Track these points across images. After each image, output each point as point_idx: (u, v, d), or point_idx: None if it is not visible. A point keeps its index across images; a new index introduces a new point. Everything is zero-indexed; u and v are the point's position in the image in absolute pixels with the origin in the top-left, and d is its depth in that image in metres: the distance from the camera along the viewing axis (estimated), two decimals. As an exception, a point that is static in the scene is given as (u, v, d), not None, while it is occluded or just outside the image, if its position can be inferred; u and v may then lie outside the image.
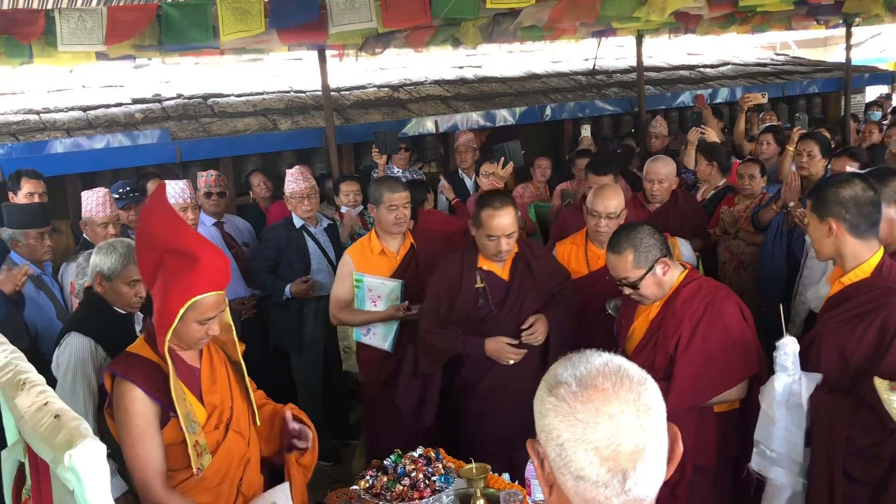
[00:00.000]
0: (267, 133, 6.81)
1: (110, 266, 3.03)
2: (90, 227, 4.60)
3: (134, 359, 2.47)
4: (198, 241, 2.46)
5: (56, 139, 6.02)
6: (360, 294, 4.05)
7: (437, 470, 2.78)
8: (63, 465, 1.54)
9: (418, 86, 8.16)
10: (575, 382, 1.19)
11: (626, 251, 2.96)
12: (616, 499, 1.16)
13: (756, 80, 9.90)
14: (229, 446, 2.58)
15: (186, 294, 2.35)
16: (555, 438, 1.18)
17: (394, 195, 4.00)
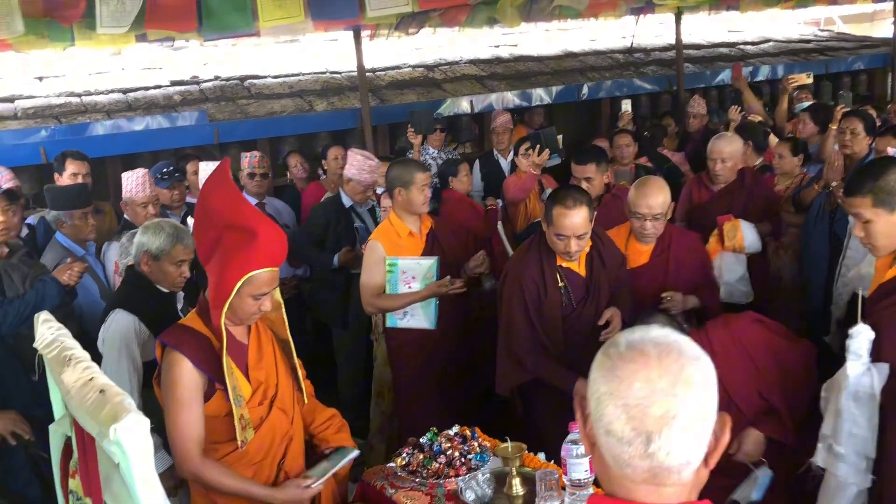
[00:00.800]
0: (303, 114, 6.84)
1: (158, 246, 3.09)
2: (131, 208, 4.67)
3: (185, 330, 2.52)
4: (257, 217, 2.50)
5: (97, 121, 6.12)
6: (393, 278, 4.03)
7: (472, 448, 2.80)
8: (108, 438, 1.58)
9: (453, 65, 8.12)
10: (625, 345, 1.23)
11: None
12: (640, 461, 1.18)
13: (798, 57, 9.68)
14: (272, 423, 2.62)
15: (243, 268, 2.40)
16: (594, 392, 1.22)
17: (424, 175, 4.05)
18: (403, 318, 4.08)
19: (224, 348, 2.44)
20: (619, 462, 1.20)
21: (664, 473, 1.18)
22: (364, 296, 4.11)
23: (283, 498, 2.52)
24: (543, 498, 2.48)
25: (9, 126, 5.94)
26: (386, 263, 4.01)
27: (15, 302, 3.67)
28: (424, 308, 4.04)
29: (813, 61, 9.50)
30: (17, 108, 6.18)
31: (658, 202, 3.61)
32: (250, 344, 2.64)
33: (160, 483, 1.71)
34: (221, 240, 2.41)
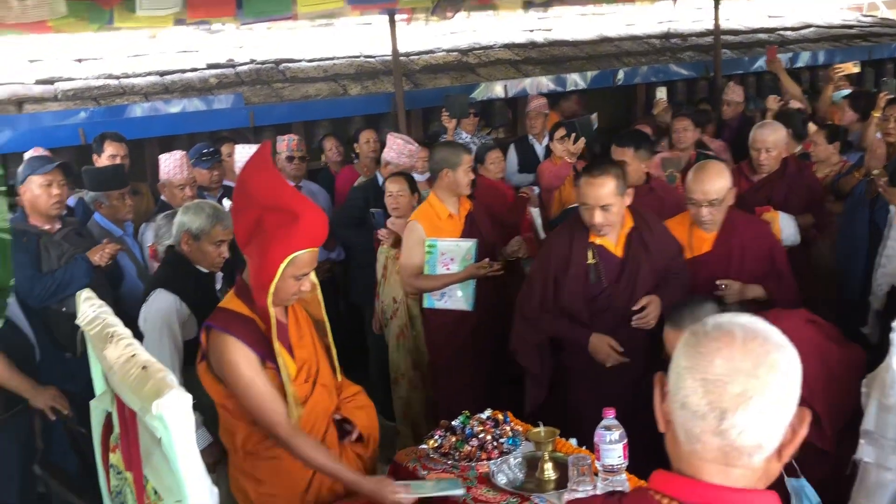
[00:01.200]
0: (337, 98, 6.87)
1: (198, 226, 3.13)
2: (168, 189, 4.74)
3: (230, 314, 2.54)
4: (298, 199, 2.53)
5: (135, 103, 6.20)
6: (431, 259, 4.07)
7: (504, 432, 2.81)
8: (150, 413, 1.62)
9: (487, 50, 8.08)
10: (712, 325, 1.23)
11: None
12: (711, 436, 1.18)
13: (840, 43, 9.48)
14: (316, 400, 2.66)
15: (287, 250, 2.42)
16: (675, 367, 1.23)
17: (470, 157, 4.13)
18: (441, 299, 4.11)
19: (273, 329, 2.47)
20: (690, 436, 1.20)
21: (734, 454, 1.18)
22: (403, 276, 4.17)
23: (370, 488, 2.51)
24: (576, 483, 2.48)
25: (49, 108, 6.04)
26: (425, 245, 4.04)
27: (45, 277, 3.74)
28: (463, 290, 4.07)
29: (855, 47, 9.30)
30: (56, 90, 6.27)
31: (714, 188, 3.44)
32: (289, 324, 2.68)
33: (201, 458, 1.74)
34: (262, 222, 2.42)
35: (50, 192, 3.84)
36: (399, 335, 4.51)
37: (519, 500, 2.56)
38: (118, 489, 2.25)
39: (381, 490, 2.50)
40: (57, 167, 3.89)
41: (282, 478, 2.62)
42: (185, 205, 3.27)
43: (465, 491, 2.59)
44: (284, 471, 2.62)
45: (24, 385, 3.44)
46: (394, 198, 4.51)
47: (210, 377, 2.57)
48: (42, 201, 3.84)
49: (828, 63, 9.02)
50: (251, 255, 2.50)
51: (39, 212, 3.87)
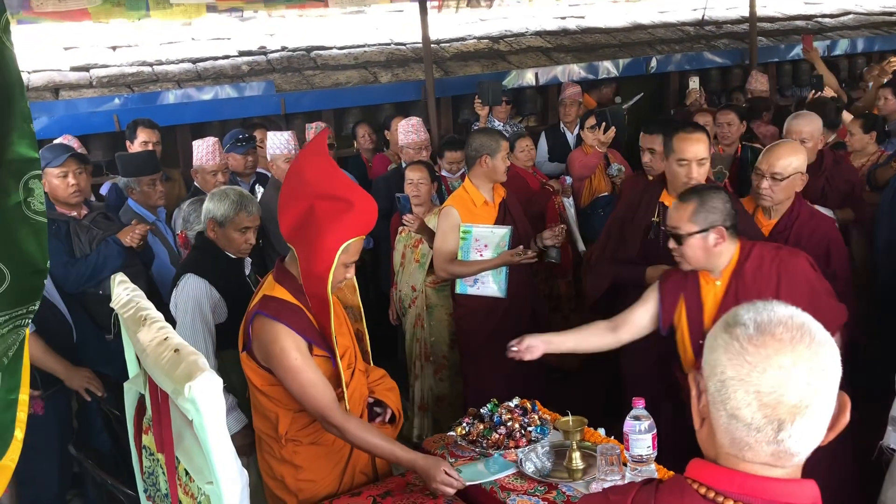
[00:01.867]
0: (368, 86, 6.87)
1: (223, 213, 3.15)
2: (201, 175, 4.78)
3: (279, 302, 2.54)
4: (352, 187, 2.56)
5: (168, 90, 6.26)
6: (465, 245, 4.09)
7: (532, 421, 2.80)
8: (183, 396, 1.63)
9: (519, 37, 8.02)
10: (753, 326, 1.18)
11: (691, 202, 2.82)
12: (767, 445, 1.16)
13: (881, 30, 9.27)
14: (355, 385, 2.71)
15: (343, 237, 2.44)
16: (718, 374, 1.19)
17: (507, 144, 4.14)
18: (474, 285, 4.13)
19: (332, 316, 2.50)
20: (739, 444, 1.18)
21: (786, 457, 1.17)
22: (437, 261, 4.16)
23: (423, 465, 2.52)
24: (604, 473, 2.47)
25: (84, 94, 6.12)
26: (460, 230, 4.05)
27: (79, 263, 3.80)
28: (495, 276, 4.08)
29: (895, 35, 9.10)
30: (91, 76, 6.35)
31: (779, 162, 3.40)
32: (336, 308, 2.68)
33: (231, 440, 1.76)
34: (315, 210, 2.43)
35: (66, 182, 3.87)
36: (416, 323, 4.53)
37: (547, 488, 2.56)
38: (150, 470, 2.29)
39: (433, 467, 2.50)
40: (70, 157, 3.90)
41: (321, 463, 2.66)
42: (211, 192, 3.31)
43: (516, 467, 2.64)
44: (324, 456, 2.66)
45: (59, 366, 3.49)
46: (414, 185, 4.52)
47: (253, 365, 2.58)
48: (60, 192, 3.89)
49: (867, 51, 8.85)
50: (299, 244, 2.49)
51: (59, 201, 3.92)
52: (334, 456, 2.67)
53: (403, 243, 4.55)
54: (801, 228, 3.47)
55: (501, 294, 4.08)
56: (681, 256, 2.88)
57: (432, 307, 4.50)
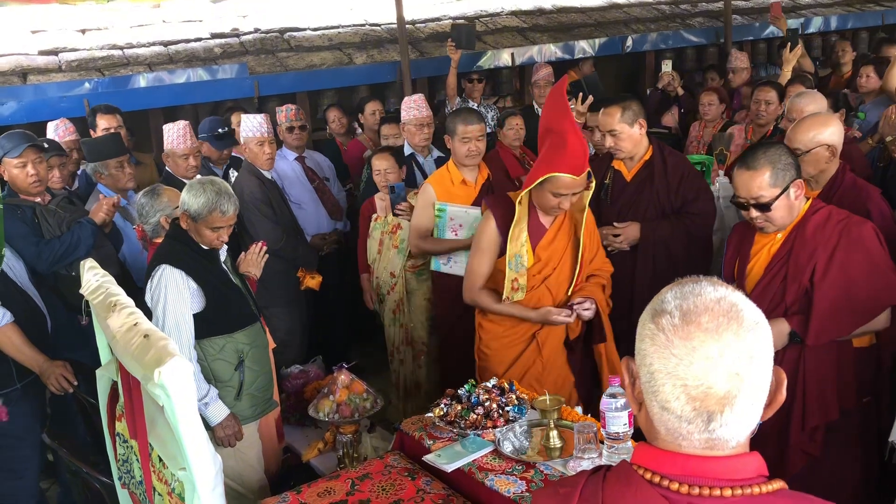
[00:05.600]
0: (342, 67, 6.81)
1: (197, 209, 3.08)
2: (172, 159, 4.71)
3: (501, 197, 3.37)
4: (572, 129, 3.07)
5: (139, 74, 6.16)
6: (441, 223, 4.11)
7: (510, 400, 2.80)
8: (153, 381, 1.61)
9: (494, 17, 7.98)
10: (679, 315, 1.15)
11: (763, 168, 2.75)
12: (698, 435, 1.15)
13: (854, 7, 9.32)
14: (538, 294, 3.31)
15: (549, 168, 3.06)
16: (647, 365, 1.17)
17: (467, 127, 4.05)
18: (447, 263, 4.16)
19: (516, 220, 3.16)
20: (673, 434, 1.17)
21: (721, 444, 1.16)
22: (411, 236, 4.23)
23: (534, 316, 3.28)
24: (582, 451, 2.48)
25: (53, 79, 6.01)
26: (435, 208, 4.07)
27: (52, 241, 3.74)
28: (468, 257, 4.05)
29: (869, 12, 9.14)
30: (61, 60, 6.24)
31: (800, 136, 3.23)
32: (549, 229, 3.32)
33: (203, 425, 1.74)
34: (545, 139, 3.10)
35: (26, 172, 3.78)
36: (396, 309, 4.51)
37: (524, 467, 2.56)
38: (125, 457, 2.26)
39: (546, 316, 3.24)
40: (29, 147, 3.80)
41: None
42: (191, 182, 3.21)
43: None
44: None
45: (35, 361, 3.46)
46: (382, 175, 4.50)
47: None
48: (20, 181, 3.80)
49: (840, 28, 8.88)
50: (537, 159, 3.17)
51: (20, 191, 3.85)
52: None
53: (380, 230, 4.51)
54: (841, 199, 3.22)
55: None
56: (766, 221, 2.82)
57: (412, 292, 4.48)
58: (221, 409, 3.10)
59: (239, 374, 3.18)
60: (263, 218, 4.55)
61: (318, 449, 3.80)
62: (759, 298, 2.89)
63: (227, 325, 3.17)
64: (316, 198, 5.27)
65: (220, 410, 3.10)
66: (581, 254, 3.29)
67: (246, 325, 3.24)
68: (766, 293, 2.90)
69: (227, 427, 3.13)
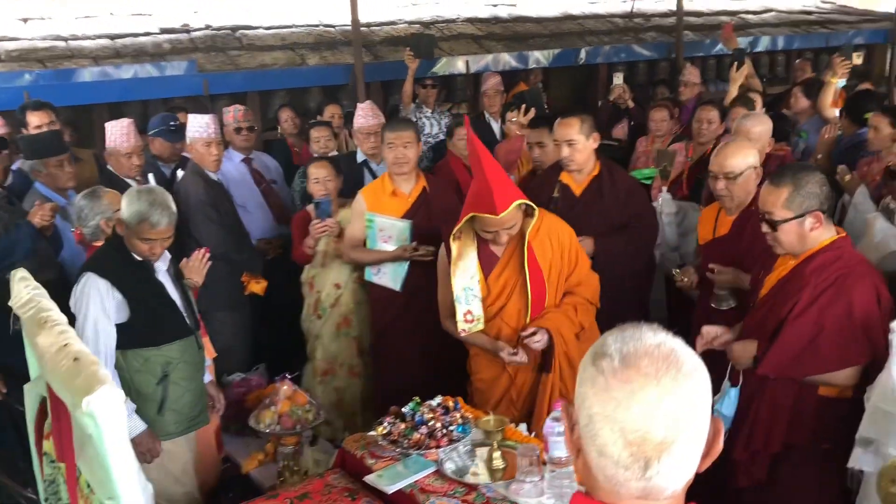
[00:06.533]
0: (295, 68, 6.71)
1: (127, 217, 2.99)
2: (114, 158, 4.59)
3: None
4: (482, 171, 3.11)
5: (83, 67, 5.97)
6: (371, 234, 4.09)
7: (454, 420, 2.78)
8: (81, 410, 1.54)
9: (450, 23, 7.96)
10: (618, 358, 1.14)
11: (784, 186, 2.70)
12: (635, 482, 1.13)
13: (800, 28, 9.55)
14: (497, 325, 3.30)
15: (468, 208, 3.14)
16: (587, 408, 1.15)
17: (394, 133, 3.99)
18: (377, 274, 4.15)
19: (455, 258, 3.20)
20: (610, 480, 1.15)
21: (657, 492, 1.14)
22: (343, 245, 4.21)
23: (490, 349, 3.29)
24: (524, 473, 2.47)
25: (-9, 69, 5.81)
26: (365, 218, 4.05)
27: None
28: (394, 269, 4.07)
29: (814, 34, 9.39)
30: (0, 50, 6.02)
31: (728, 161, 3.41)
32: (501, 259, 3.29)
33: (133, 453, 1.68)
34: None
35: None
36: (341, 323, 4.42)
37: (466, 489, 2.54)
38: (51, 478, 2.18)
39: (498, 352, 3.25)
40: None
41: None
42: (130, 189, 3.11)
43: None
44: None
45: None
46: (321, 183, 4.38)
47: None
48: None
49: (787, 48, 9.11)
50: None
51: None
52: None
53: (325, 240, 4.38)
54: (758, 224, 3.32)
55: (397, 287, 4.06)
56: (774, 241, 2.79)
57: (361, 303, 4.42)
58: (136, 424, 3.02)
59: (162, 388, 3.11)
60: (208, 220, 4.44)
61: (259, 460, 3.75)
62: (755, 314, 2.95)
63: (154, 338, 3.09)
64: (262, 201, 5.18)
65: (134, 424, 3.01)
66: (529, 284, 3.21)
67: (176, 338, 3.16)
68: (759, 311, 2.93)
69: (140, 444, 3.02)
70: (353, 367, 4.48)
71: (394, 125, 4.09)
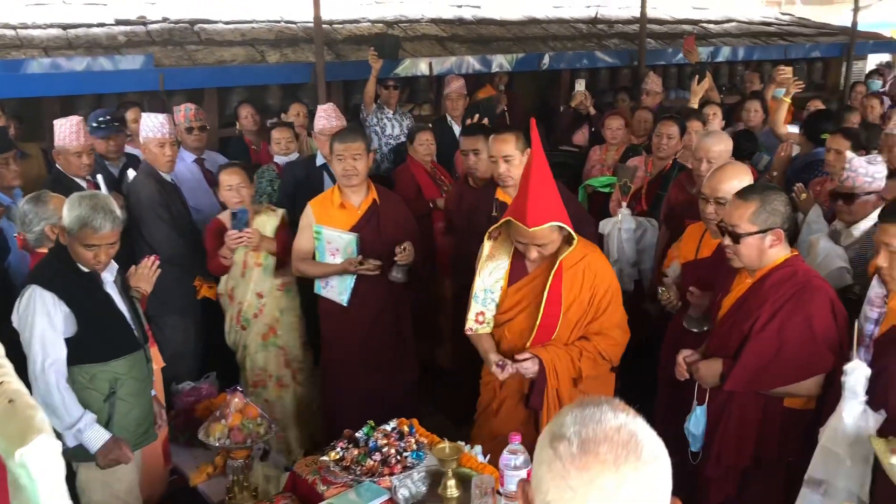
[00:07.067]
0: (254, 65, 6.56)
1: (69, 223, 2.88)
2: (63, 157, 4.45)
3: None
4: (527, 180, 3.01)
5: (33, 58, 5.76)
6: (320, 246, 4.03)
7: (409, 445, 2.74)
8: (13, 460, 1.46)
9: (414, 24, 7.89)
10: (577, 443, 1.10)
11: (752, 201, 2.81)
12: None
13: (759, 40, 9.68)
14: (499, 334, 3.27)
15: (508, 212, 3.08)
16: (543, 492, 1.12)
17: (342, 145, 3.90)
18: (325, 287, 4.10)
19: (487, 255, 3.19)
20: None
21: None
22: (292, 257, 4.14)
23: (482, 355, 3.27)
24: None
25: (-67, 57, 5.58)
26: (313, 230, 3.99)
27: None
28: (341, 282, 4.03)
29: (773, 45, 9.51)
30: (-56, 37, 5.80)
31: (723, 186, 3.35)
32: (530, 274, 3.21)
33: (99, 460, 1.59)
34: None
35: None
36: (266, 333, 4.34)
37: (419, 518, 2.51)
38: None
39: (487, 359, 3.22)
40: None
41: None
42: (71, 196, 2.98)
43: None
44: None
45: None
46: (234, 191, 4.20)
47: None
48: None
49: (747, 59, 9.22)
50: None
51: None
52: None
53: (242, 250, 4.23)
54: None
55: (343, 301, 4.02)
56: (734, 254, 2.87)
57: (284, 311, 4.36)
58: (99, 433, 2.94)
59: (109, 405, 3.02)
60: (159, 220, 4.33)
61: (207, 473, 3.65)
62: (717, 334, 3.03)
63: (101, 353, 3.00)
64: (215, 202, 5.05)
65: (98, 435, 2.94)
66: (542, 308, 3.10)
67: (124, 353, 3.07)
68: (720, 330, 3.00)
69: (110, 452, 2.96)
70: (281, 378, 4.42)
71: (343, 136, 3.96)
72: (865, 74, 10.21)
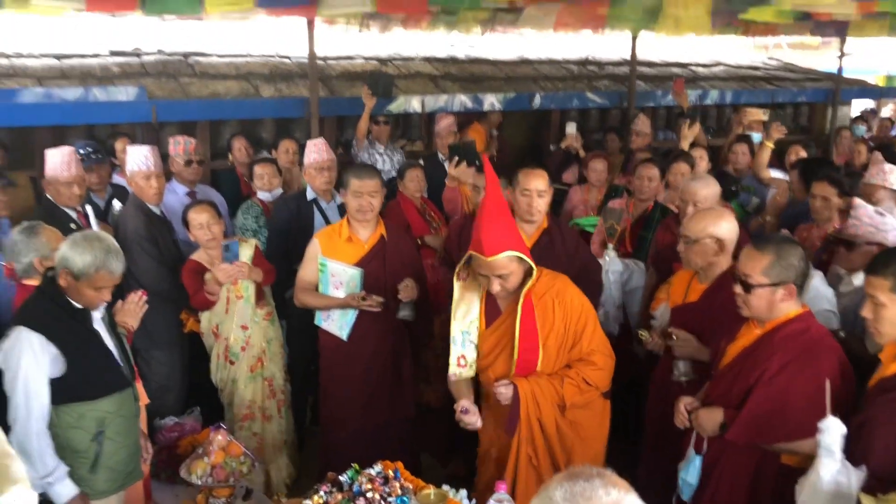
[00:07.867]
0: (248, 99, 6.60)
1: (81, 268, 2.84)
2: (54, 187, 4.44)
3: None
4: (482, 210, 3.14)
5: (26, 88, 5.77)
6: (324, 279, 4.04)
7: (393, 490, 2.71)
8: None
9: (407, 61, 7.96)
10: None
11: (767, 254, 2.80)
12: None
13: (747, 83, 9.82)
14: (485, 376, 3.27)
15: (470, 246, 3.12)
16: None
17: (360, 182, 3.93)
18: (327, 319, 4.11)
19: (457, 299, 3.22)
20: None
21: None
22: (295, 287, 4.16)
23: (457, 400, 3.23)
24: (462, 551, 2.42)
25: (-75, 85, 5.58)
26: (318, 262, 4.00)
27: None
28: (342, 316, 4.03)
29: (761, 90, 9.65)
30: (-63, 65, 5.81)
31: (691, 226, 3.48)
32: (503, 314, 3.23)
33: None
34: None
35: None
36: (254, 365, 4.32)
37: (402, 566, 2.47)
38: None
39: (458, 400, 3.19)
40: None
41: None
42: (75, 236, 2.94)
43: None
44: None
45: None
46: (205, 229, 4.20)
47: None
48: None
49: (735, 103, 9.35)
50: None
51: None
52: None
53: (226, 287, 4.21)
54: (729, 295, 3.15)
55: (342, 336, 4.03)
56: (744, 303, 2.86)
57: (271, 341, 4.37)
58: (68, 488, 2.89)
59: (96, 444, 2.97)
60: (146, 256, 4.32)
61: (188, 512, 3.61)
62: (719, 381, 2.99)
63: (89, 392, 2.95)
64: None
65: (66, 490, 2.88)
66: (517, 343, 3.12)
67: (113, 391, 3.03)
68: (724, 379, 2.96)
69: None
70: (266, 410, 4.40)
71: (360, 173, 3.99)
72: (850, 120, 10.36)
